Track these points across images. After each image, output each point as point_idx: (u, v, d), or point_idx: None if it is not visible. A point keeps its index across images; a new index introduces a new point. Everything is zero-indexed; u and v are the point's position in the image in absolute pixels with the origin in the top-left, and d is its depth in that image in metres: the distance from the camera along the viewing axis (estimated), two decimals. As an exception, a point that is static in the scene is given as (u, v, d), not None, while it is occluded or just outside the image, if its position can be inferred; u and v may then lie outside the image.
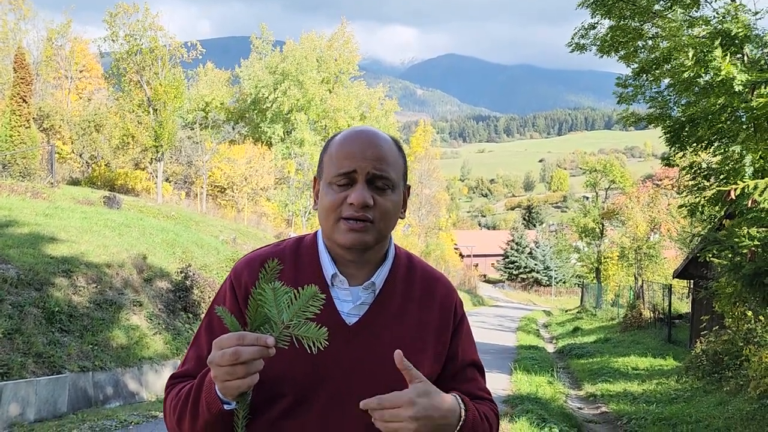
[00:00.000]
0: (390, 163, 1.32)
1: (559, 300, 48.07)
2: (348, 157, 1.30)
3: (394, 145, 1.37)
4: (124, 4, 25.53)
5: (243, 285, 1.36)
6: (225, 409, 1.17)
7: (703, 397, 9.17)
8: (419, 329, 1.37)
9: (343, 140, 1.34)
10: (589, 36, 12.07)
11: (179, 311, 10.94)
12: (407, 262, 1.44)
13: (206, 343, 1.34)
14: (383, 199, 1.31)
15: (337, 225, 1.31)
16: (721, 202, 9.58)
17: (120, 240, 12.06)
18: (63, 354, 7.98)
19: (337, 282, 1.35)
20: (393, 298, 1.37)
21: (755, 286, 5.49)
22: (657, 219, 26.57)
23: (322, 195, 1.34)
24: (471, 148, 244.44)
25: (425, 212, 44.52)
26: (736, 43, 9.01)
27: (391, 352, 1.23)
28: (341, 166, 1.30)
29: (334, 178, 1.31)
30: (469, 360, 1.44)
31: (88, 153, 25.77)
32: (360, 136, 1.33)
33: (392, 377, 1.26)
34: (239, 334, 1.10)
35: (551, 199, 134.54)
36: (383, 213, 1.31)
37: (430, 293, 1.41)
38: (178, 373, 1.38)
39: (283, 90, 35.67)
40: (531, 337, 20.09)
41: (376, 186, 1.30)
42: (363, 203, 1.28)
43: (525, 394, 9.61)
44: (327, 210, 1.32)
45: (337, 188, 1.30)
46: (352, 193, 1.28)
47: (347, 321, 1.32)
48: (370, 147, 1.31)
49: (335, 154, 1.33)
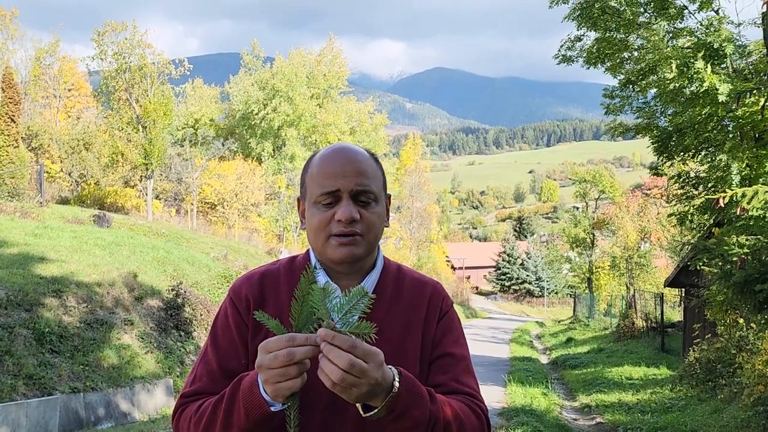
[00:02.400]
0: (370, 177, 1.38)
1: (551, 311, 48.09)
2: (330, 177, 1.35)
3: (372, 159, 1.43)
4: (113, 23, 25.57)
5: (243, 297, 1.41)
6: (272, 411, 1.19)
7: (698, 406, 9.18)
8: (406, 333, 1.40)
9: (322, 160, 1.39)
10: (575, 48, 12.19)
11: (171, 329, 10.86)
12: (396, 271, 1.49)
13: (215, 358, 1.38)
14: (368, 213, 1.36)
15: (327, 242, 1.36)
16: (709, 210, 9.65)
17: (110, 259, 11.98)
18: (54, 375, 7.90)
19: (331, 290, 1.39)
20: (381, 304, 1.40)
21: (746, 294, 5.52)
22: (647, 228, 26.72)
23: (309, 215, 1.39)
24: (461, 161, 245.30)
25: (416, 225, 44.53)
26: (719, 54, 9.13)
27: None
28: (324, 185, 1.35)
29: (319, 197, 1.36)
30: (445, 350, 1.42)
31: (77, 172, 25.66)
32: (339, 154, 1.38)
33: None
34: (289, 336, 1.12)
35: (542, 210, 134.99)
36: (370, 225, 1.37)
37: (418, 295, 1.45)
38: (190, 392, 1.39)
39: (274, 106, 35.74)
40: (524, 348, 20.07)
41: (360, 201, 1.36)
42: (350, 219, 1.33)
43: (520, 406, 9.59)
44: (316, 229, 1.37)
45: (323, 207, 1.36)
46: (339, 210, 1.34)
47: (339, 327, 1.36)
48: (350, 164, 1.36)
49: (317, 175, 1.37)
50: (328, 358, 1.08)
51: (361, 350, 1.08)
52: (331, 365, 1.07)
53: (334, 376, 1.07)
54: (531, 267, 55.65)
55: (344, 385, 1.08)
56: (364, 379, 1.08)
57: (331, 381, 1.08)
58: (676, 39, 10.04)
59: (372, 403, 1.16)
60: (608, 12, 10.84)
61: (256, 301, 1.41)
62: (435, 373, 1.40)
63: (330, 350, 1.07)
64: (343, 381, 1.07)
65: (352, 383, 1.08)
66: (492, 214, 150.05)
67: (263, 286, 1.44)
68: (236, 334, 1.40)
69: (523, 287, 55.93)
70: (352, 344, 1.08)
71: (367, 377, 1.09)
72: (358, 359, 1.08)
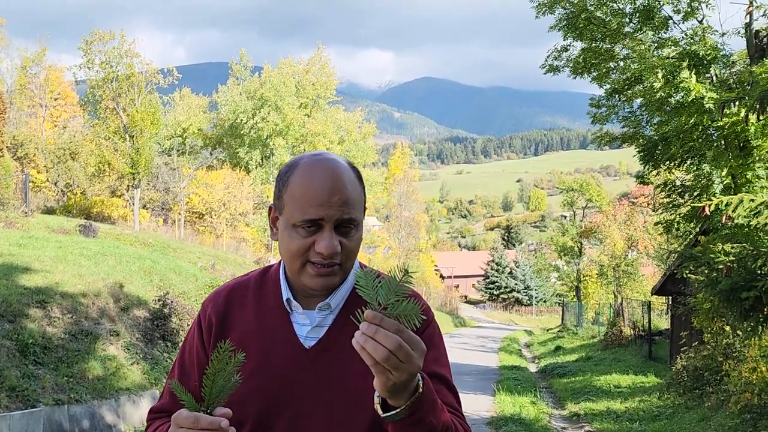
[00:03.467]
0: (356, 205, 1.31)
1: (540, 319, 48.20)
2: (313, 205, 1.27)
3: (355, 178, 1.34)
4: (100, 32, 25.46)
5: (207, 317, 1.41)
6: None
7: (685, 414, 9.20)
8: None
9: (305, 181, 1.30)
10: (562, 58, 12.29)
11: (157, 340, 10.76)
12: None
13: (177, 376, 1.42)
14: (349, 241, 1.30)
15: (304, 269, 1.31)
16: (695, 218, 9.74)
17: (96, 269, 11.87)
18: (37, 387, 7.79)
19: (293, 307, 1.37)
20: (351, 319, 1.36)
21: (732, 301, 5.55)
22: (634, 236, 26.88)
23: (285, 236, 1.32)
24: (449, 170, 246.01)
25: (405, 234, 44.55)
26: (704, 64, 9.23)
27: (348, 372, 1.28)
28: (306, 212, 1.27)
29: (299, 222, 1.28)
30: (426, 370, 1.34)
31: (63, 181, 25.46)
32: (325, 177, 1.29)
33: (350, 398, 1.30)
34: (194, 418, 1.12)
35: (530, 219, 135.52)
36: (349, 253, 1.31)
37: None
38: (156, 408, 1.43)
39: (262, 116, 35.72)
40: (513, 357, 20.07)
41: (342, 228, 1.29)
42: (332, 252, 1.27)
43: (509, 415, 9.57)
44: (293, 254, 1.31)
45: (303, 232, 1.29)
46: (320, 242, 1.27)
47: (305, 344, 1.35)
48: (337, 192, 1.28)
49: (299, 197, 1.29)
50: (374, 338, 1.04)
51: (407, 335, 1.06)
52: (377, 344, 1.04)
53: (379, 355, 1.04)
54: (519, 276, 55.79)
55: (387, 366, 1.05)
56: (407, 364, 1.06)
57: (374, 360, 1.05)
58: (661, 49, 10.15)
59: (394, 402, 1.12)
60: (594, 22, 10.94)
61: (219, 320, 1.39)
62: None
63: (377, 331, 1.04)
64: (387, 360, 1.04)
65: (394, 365, 1.05)
66: (480, 223, 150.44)
67: (229, 303, 1.42)
68: (195, 356, 1.40)
69: (512, 296, 56.03)
70: (399, 329, 1.06)
71: (410, 363, 1.06)
72: (405, 343, 1.05)
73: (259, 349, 1.35)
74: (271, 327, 1.37)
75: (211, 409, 1.15)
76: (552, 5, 11.31)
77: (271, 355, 1.35)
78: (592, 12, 10.87)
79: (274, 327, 1.37)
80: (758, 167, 8.99)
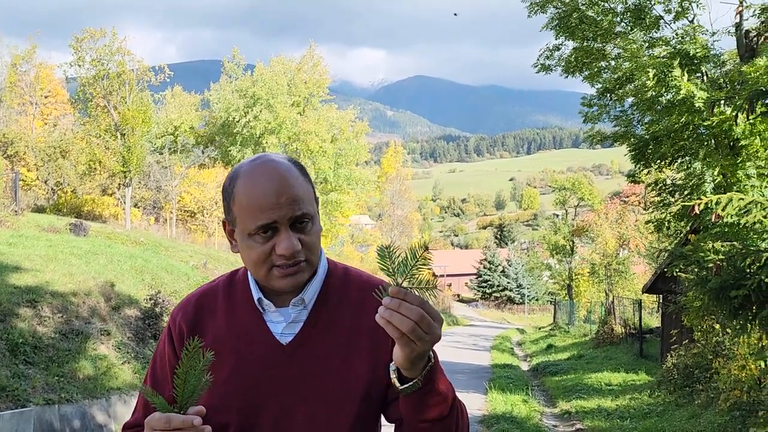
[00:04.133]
0: (305, 200, 1.30)
1: (532, 317, 48.34)
2: (264, 210, 1.26)
3: (300, 174, 1.33)
4: (91, 29, 25.32)
5: (177, 325, 1.40)
6: None
7: (676, 411, 9.26)
8: (352, 334, 1.35)
9: (250, 188, 1.28)
10: (554, 57, 12.32)
11: (149, 339, 10.72)
12: (343, 274, 1.43)
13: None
14: (307, 236, 1.31)
15: (270, 273, 1.30)
16: (686, 217, 9.78)
17: (87, 268, 11.81)
18: (27, 387, 7.75)
19: (265, 305, 1.36)
20: (325, 311, 1.37)
21: (721, 300, 5.58)
22: (625, 235, 27.01)
23: (245, 247, 1.31)
24: (442, 168, 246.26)
25: (398, 233, 44.60)
26: (695, 63, 9.27)
27: (327, 366, 1.30)
28: (258, 219, 1.27)
29: (254, 230, 1.28)
30: None
31: (53, 179, 25.31)
32: (267, 180, 1.28)
33: (330, 391, 1.31)
34: (167, 417, 1.12)
35: (522, 218, 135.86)
36: (311, 247, 1.32)
37: (366, 298, 1.35)
38: (129, 423, 1.42)
39: (255, 114, 35.63)
40: (505, 355, 20.12)
41: (297, 225, 1.29)
42: (293, 252, 1.28)
43: (500, 413, 9.60)
44: (256, 262, 1.30)
45: (260, 239, 1.28)
46: (280, 244, 1.27)
47: (282, 341, 1.35)
48: (283, 191, 1.27)
49: (247, 206, 1.28)
50: (398, 311, 1.09)
51: (428, 307, 1.11)
52: (402, 317, 1.09)
53: (405, 327, 1.09)
54: (512, 274, 55.93)
55: (413, 337, 1.10)
56: (430, 335, 1.11)
57: (400, 332, 1.10)
58: (652, 48, 10.20)
59: (410, 373, 1.18)
60: (585, 22, 10.97)
61: (189, 328, 1.38)
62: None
63: (401, 305, 1.09)
64: (413, 332, 1.09)
65: (419, 336, 1.10)
66: (473, 221, 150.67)
67: (199, 310, 1.40)
68: (168, 366, 1.38)
69: (504, 294, 56.16)
70: (422, 301, 1.11)
71: (432, 334, 1.12)
72: (427, 314, 1.10)
73: (234, 350, 1.34)
74: (244, 328, 1.36)
75: (184, 410, 1.14)
76: (544, 4, 11.33)
77: (248, 356, 1.34)
78: (583, 11, 10.90)
79: (247, 328, 1.36)
80: (748, 166, 9.05)
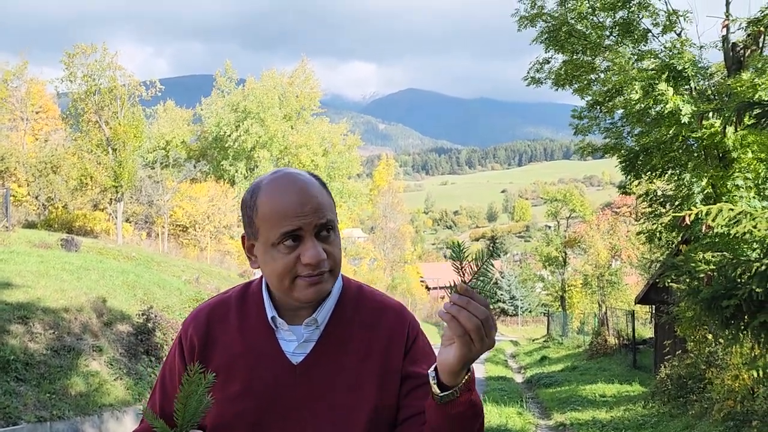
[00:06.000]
0: (327, 207, 1.31)
1: (525, 329, 48.28)
2: (288, 217, 1.26)
3: (321, 185, 1.35)
4: (83, 45, 25.32)
5: (189, 338, 1.39)
6: None
7: (670, 422, 9.26)
8: (364, 358, 1.35)
9: (273, 198, 1.29)
10: (544, 70, 12.43)
11: (141, 355, 10.65)
12: (356, 293, 1.42)
13: (159, 401, 1.42)
14: (331, 246, 1.30)
15: (294, 284, 1.29)
16: (677, 228, 9.85)
17: (78, 283, 11.74)
18: (19, 404, 7.68)
19: (278, 324, 1.35)
20: (338, 332, 1.36)
21: (713, 310, 5.62)
22: (617, 246, 27.13)
23: (269, 259, 1.30)
24: (434, 181, 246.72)
25: (390, 246, 44.58)
26: (683, 77, 9.36)
27: (337, 387, 1.30)
28: (283, 226, 1.26)
29: (278, 238, 1.27)
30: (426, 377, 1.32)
31: (44, 195, 25.19)
32: (291, 189, 1.29)
33: (339, 413, 1.30)
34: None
35: (514, 229, 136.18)
36: (335, 258, 1.32)
37: (378, 320, 1.38)
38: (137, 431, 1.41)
39: (246, 128, 35.66)
40: (499, 367, 20.09)
41: (321, 235, 1.29)
42: (319, 260, 1.27)
43: (495, 426, 9.58)
44: (281, 274, 1.29)
45: (285, 248, 1.27)
46: (306, 253, 1.26)
47: (293, 360, 1.34)
48: (308, 201, 1.28)
49: (271, 216, 1.28)
50: (467, 308, 1.11)
51: (490, 312, 1.15)
52: (470, 314, 1.11)
53: (470, 324, 1.11)
54: (505, 286, 55.91)
55: (475, 336, 1.12)
56: (488, 339, 1.14)
57: (464, 329, 1.11)
58: (640, 61, 10.30)
59: (452, 380, 1.19)
60: (575, 35, 11.08)
61: (201, 342, 1.38)
62: (419, 398, 1.32)
63: (469, 303, 1.11)
64: (476, 331, 1.11)
65: (480, 337, 1.12)
66: (466, 233, 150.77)
67: (211, 323, 1.40)
68: (178, 379, 1.36)
69: (497, 306, 56.08)
70: (486, 304, 1.14)
71: (490, 338, 1.14)
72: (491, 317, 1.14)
73: (247, 369, 1.34)
74: (257, 346, 1.35)
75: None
76: (533, 19, 11.46)
77: (260, 375, 1.33)
78: (572, 25, 11.03)
79: (260, 346, 1.35)
80: (737, 177, 9.14)
